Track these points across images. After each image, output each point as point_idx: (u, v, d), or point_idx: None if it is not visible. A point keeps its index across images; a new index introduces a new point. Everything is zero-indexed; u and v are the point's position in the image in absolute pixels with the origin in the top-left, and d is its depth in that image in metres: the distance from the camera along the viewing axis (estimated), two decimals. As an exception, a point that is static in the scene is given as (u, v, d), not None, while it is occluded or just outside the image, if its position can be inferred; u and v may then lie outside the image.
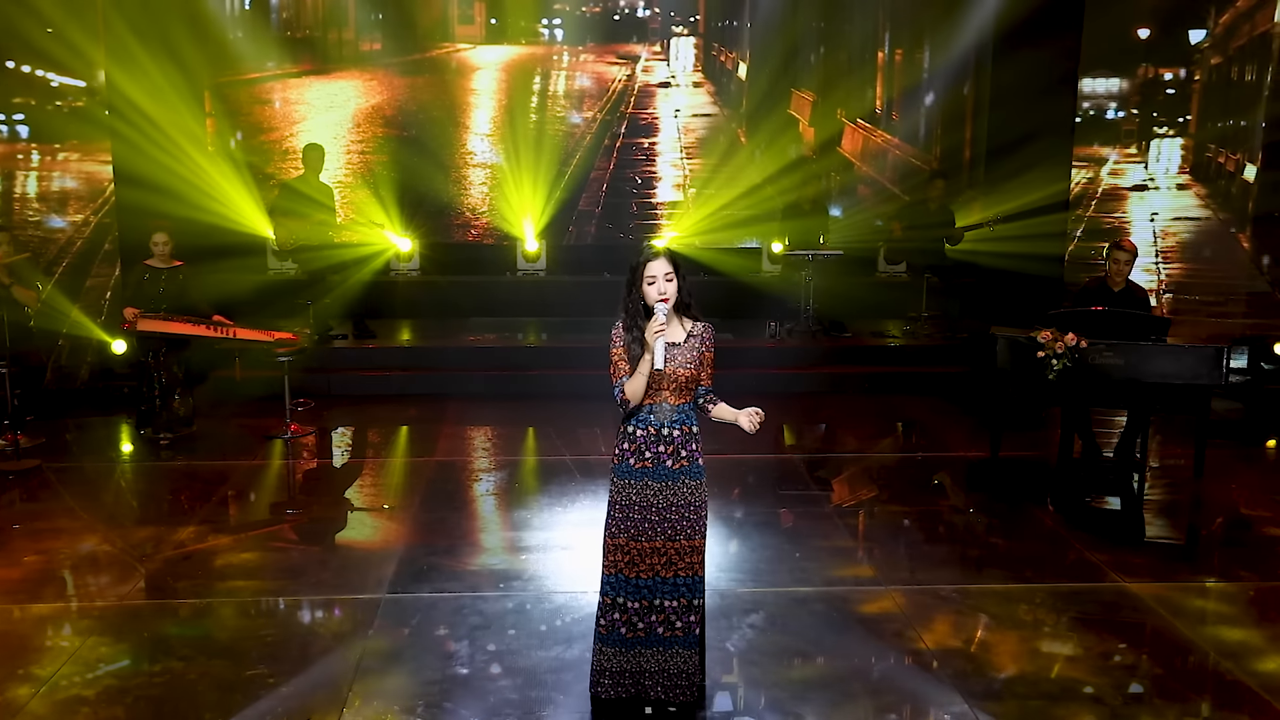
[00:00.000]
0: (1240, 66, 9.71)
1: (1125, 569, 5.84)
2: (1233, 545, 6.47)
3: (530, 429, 8.72)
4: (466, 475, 7.58)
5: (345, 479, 7.70)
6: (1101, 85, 9.82)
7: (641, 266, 4.25)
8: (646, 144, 12.55)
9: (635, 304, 4.29)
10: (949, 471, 7.68)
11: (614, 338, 4.33)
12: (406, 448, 8.36)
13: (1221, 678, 4.76)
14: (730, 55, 12.51)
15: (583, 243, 12.40)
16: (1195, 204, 9.86)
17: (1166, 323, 7.26)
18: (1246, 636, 5.14)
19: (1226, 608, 5.48)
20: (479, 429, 8.73)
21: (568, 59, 12.48)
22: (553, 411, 8.98)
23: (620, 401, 4.27)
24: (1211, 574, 5.91)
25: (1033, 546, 6.28)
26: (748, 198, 12.03)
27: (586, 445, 8.22)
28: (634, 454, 4.31)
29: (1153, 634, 5.18)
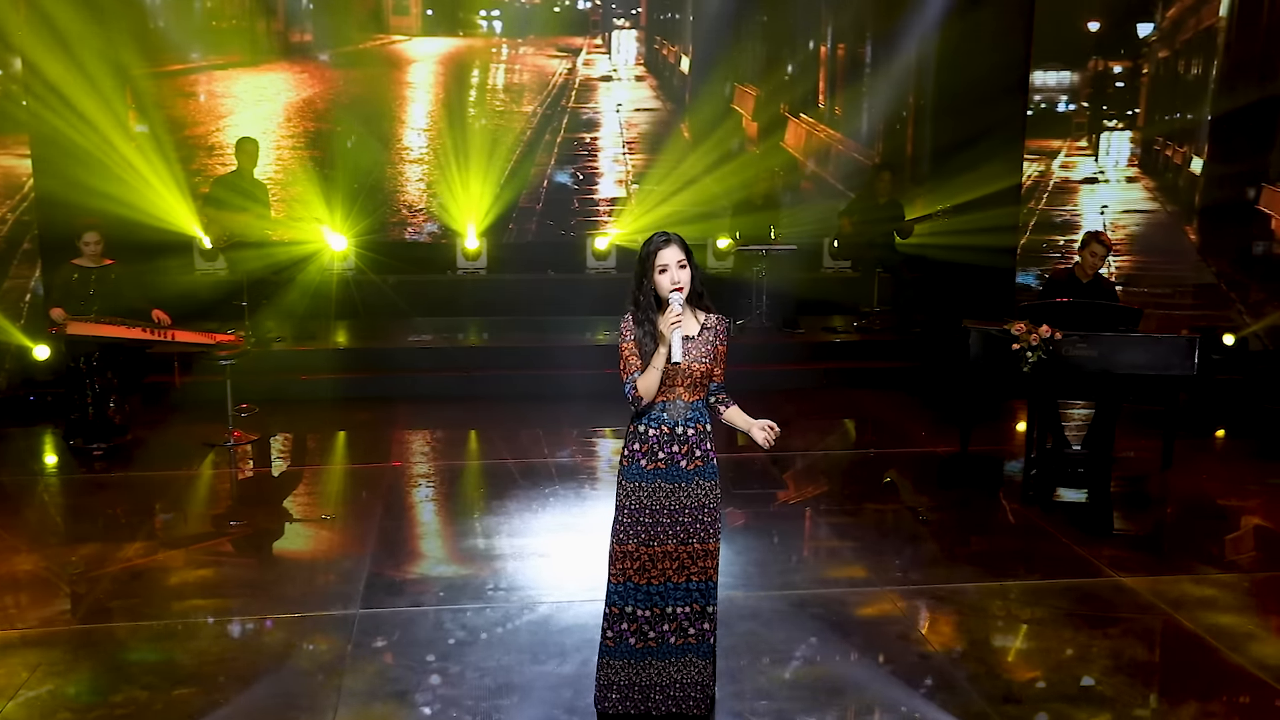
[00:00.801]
0: (1187, 60, 9.81)
1: (1118, 563, 5.77)
2: (1217, 535, 6.45)
3: (482, 432, 8.41)
4: (425, 481, 7.25)
5: (297, 488, 7.31)
6: (1053, 78, 9.84)
7: (652, 255, 3.99)
8: (588, 139, 12.28)
9: (646, 295, 4.03)
10: (921, 468, 7.57)
11: (623, 331, 4.07)
12: (358, 454, 7.99)
13: (1237, 674, 4.67)
14: (673, 49, 12.31)
15: (524, 240, 12.09)
16: (1144, 197, 9.94)
17: (1138, 314, 7.24)
18: (1254, 630, 5.07)
19: (1227, 600, 5.42)
20: (431, 432, 8.41)
21: (507, 52, 12.15)
22: (505, 413, 8.68)
23: (632, 399, 4.01)
24: (1204, 565, 5.85)
25: (1020, 542, 6.19)
26: (692, 193, 11.85)
27: (539, 448, 7.93)
28: (645, 455, 4.06)
29: (1158, 629, 5.09)
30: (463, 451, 8.07)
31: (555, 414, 8.61)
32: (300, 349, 9.66)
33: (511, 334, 10.44)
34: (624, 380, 4.03)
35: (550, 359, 9.73)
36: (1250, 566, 5.85)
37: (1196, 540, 6.32)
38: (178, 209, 10.51)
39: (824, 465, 7.68)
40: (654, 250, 4.00)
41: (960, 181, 9.88)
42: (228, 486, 7.27)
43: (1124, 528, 6.46)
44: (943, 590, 5.44)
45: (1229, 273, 9.82)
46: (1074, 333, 6.92)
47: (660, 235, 4.05)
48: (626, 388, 4.01)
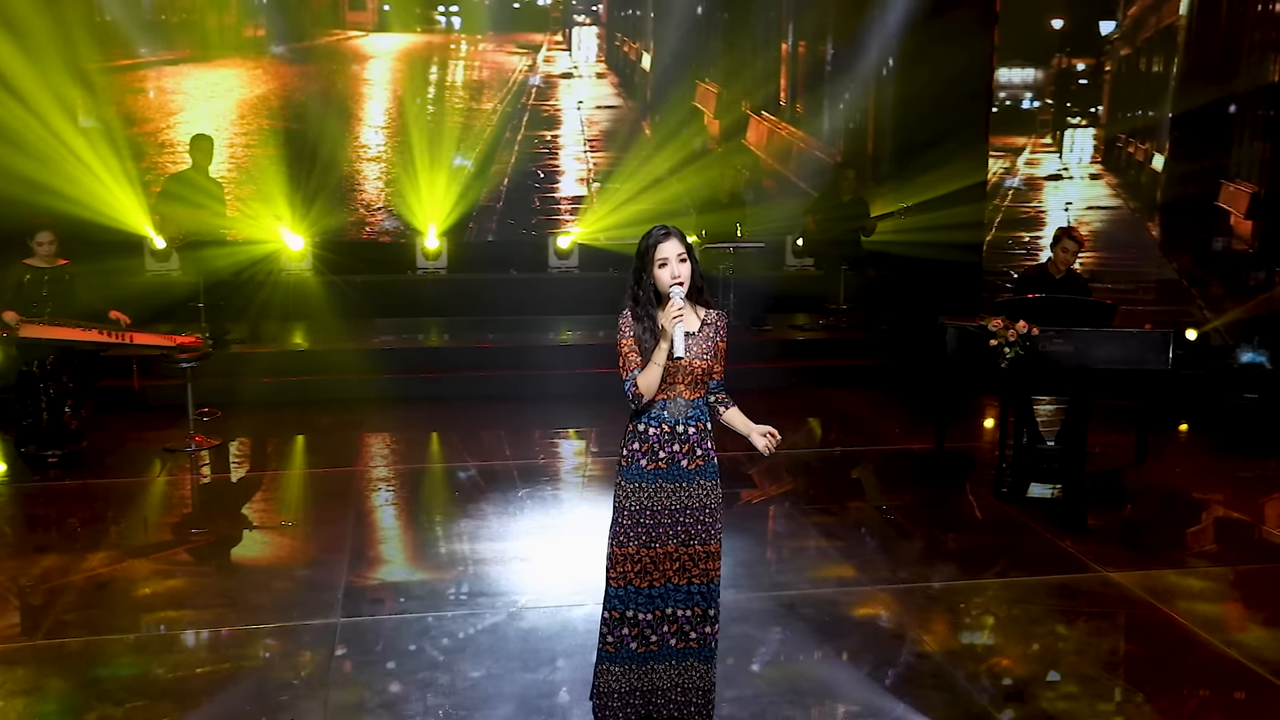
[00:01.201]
0: (1148, 58, 9.90)
1: (1103, 558, 5.76)
2: (1196, 529, 6.49)
3: (449, 435, 8.25)
4: (394, 485, 7.08)
5: (263, 494, 7.08)
6: (1017, 75, 9.88)
7: (651, 248, 3.88)
8: (549, 136, 12.15)
9: (646, 290, 3.92)
10: (897, 465, 7.54)
11: (622, 327, 3.95)
12: (324, 458, 7.79)
13: (1233, 667, 4.66)
14: (633, 45, 12.21)
15: (484, 239, 11.93)
16: (1107, 193, 10.01)
17: (1113, 309, 7.25)
18: (1244, 622, 5.08)
19: (1214, 592, 5.44)
20: (396, 435, 8.22)
21: (466, 48, 11.97)
22: (471, 415, 8.54)
23: (632, 397, 3.89)
24: (1188, 559, 5.87)
25: (1004, 539, 6.16)
26: (655, 191, 11.77)
27: (504, 450, 7.79)
28: (645, 454, 3.94)
29: (1150, 623, 5.07)
30: (430, 455, 7.90)
31: (523, 415, 8.49)
32: (260, 351, 9.43)
33: (473, 334, 10.28)
34: (623, 377, 3.91)
35: (514, 359, 9.59)
36: (1232, 559, 5.86)
37: (1176, 534, 6.34)
38: (128, 207, 10.22)
39: (801, 464, 7.61)
40: (653, 244, 3.90)
41: (925, 179, 9.89)
42: (191, 493, 7.05)
43: (1104, 522, 6.45)
44: (933, 589, 5.40)
45: (1190, 269, 9.93)
46: (1050, 328, 6.91)
47: (659, 228, 3.95)
48: (626, 385, 3.89)
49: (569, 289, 11.49)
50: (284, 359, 9.35)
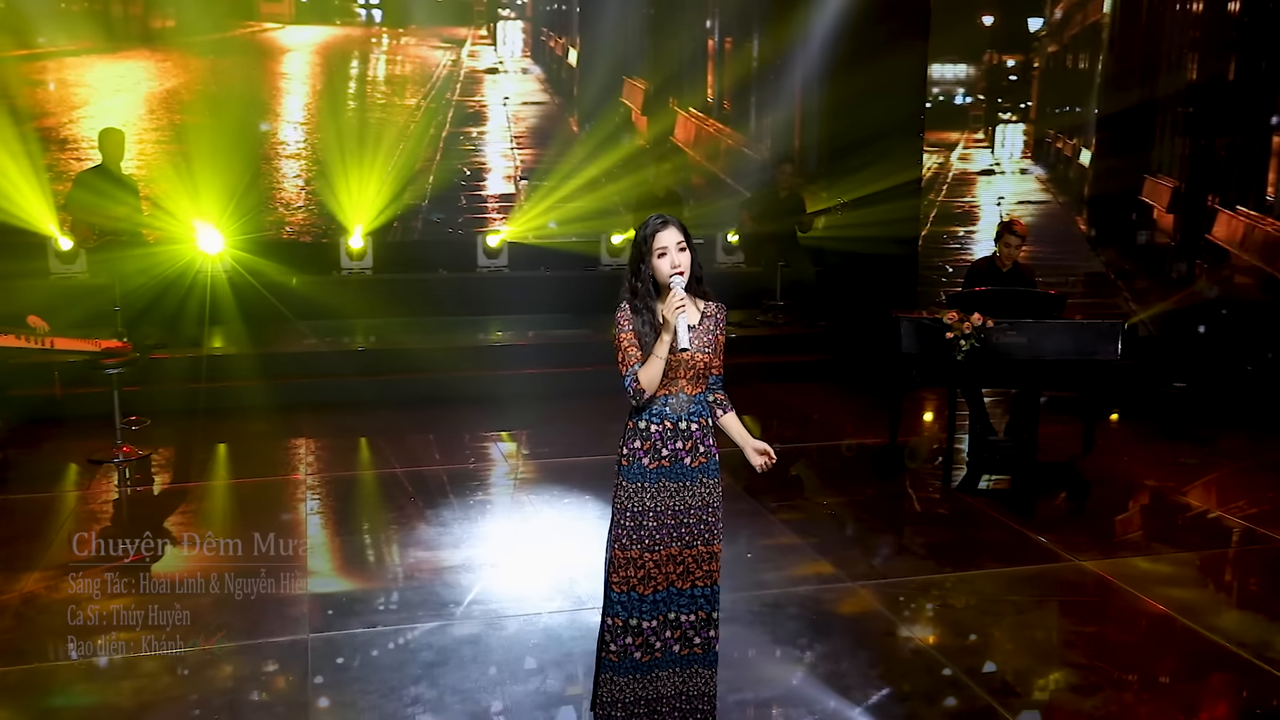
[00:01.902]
0: (1075, 55, 10.08)
1: (1073, 548, 5.79)
2: (1154, 516, 6.58)
3: (391, 440, 7.92)
4: (346, 492, 6.79)
5: (201, 505, 6.71)
6: (950, 71, 9.97)
7: (650, 238, 3.73)
8: (475, 133, 11.88)
9: (645, 281, 3.76)
10: (853, 460, 7.51)
11: (620, 321, 3.79)
12: (263, 466, 7.42)
13: (1217, 652, 4.70)
14: (560, 41, 12.02)
15: (410, 238, 11.60)
16: (1037, 188, 10.17)
17: (1062, 300, 7.33)
18: (1220, 606, 5.14)
19: (1185, 578, 5.50)
20: (334, 441, 7.90)
21: (387, 42, 11.64)
22: (401, 419, 8.23)
23: (633, 393, 3.73)
24: (1153, 546, 5.93)
25: (973, 531, 6.16)
26: (585, 188, 11.61)
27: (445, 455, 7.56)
28: (648, 453, 3.79)
29: (1132, 611, 5.09)
30: (363, 461, 7.58)
31: (455, 418, 8.28)
32: (181, 356, 8.97)
33: (401, 336, 9.94)
34: (623, 373, 3.74)
35: (444, 361, 9.33)
36: (1195, 544, 5.94)
37: (1137, 521, 6.43)
38: (31, 206, 9.66)
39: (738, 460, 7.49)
40: (651, 233, 3.75)
41: (862, 175, 9.92)
42: (123, 506, 6.65)
43: (1067, 513, 6.51)
44: (914, 583, 5.35)
45: (1116, 261, 10.15)
46: (1004, 320, 6.95)
47: (656, 217, 3.80)
48: (627, 381, 3.73)
49: (499, 289, 11.25)
50: (211, 364, 8.93)
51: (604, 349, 9.52)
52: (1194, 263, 10.07)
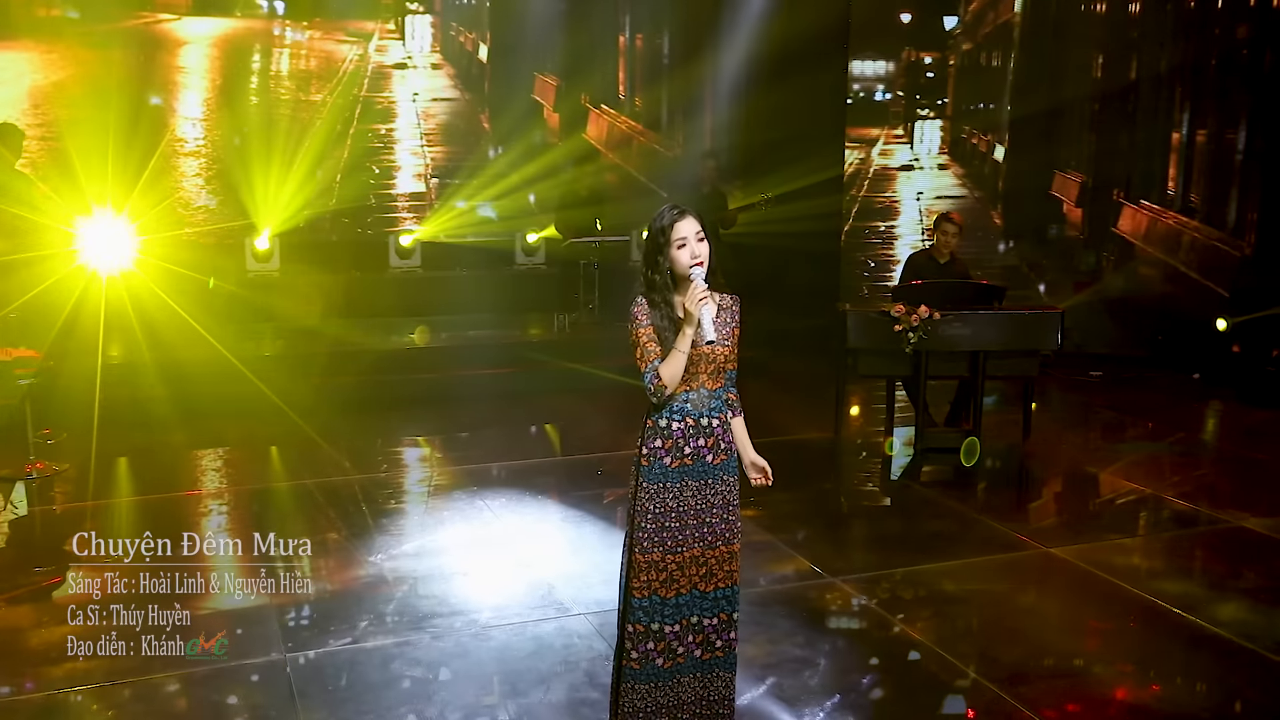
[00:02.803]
0: (988, 53, 10.31)
1: (1038, 535, 5.89)
2: (1110, 501, 6.71)
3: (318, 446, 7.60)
4: (289, 502, 6.45)
5: (134, 520, 6.29)
6: (870, 68, 10.09)
7: (668, 228, 3.61)
8: (384, 130, 11.53)
9: (663, 274, 3.64)
10: (800, 454, 7.51)
11: (636, 316, 3.65)
12: (196, 478, 7.04)
13: (1202, 636, 4.81)
14: (470, 36, 11.76)
15: (318, 238, 11.19)
16: (954, 183, 10.37)
17: (1003, 290, 7.47)
18: (1187, 588, 5.27)
19: (1153, 564, 5.64)
20: (269, 448, 7.54)
21: (291, 35, 11.20)
22: (324, 425, 7.86)
23: (654, 390, 3.60)
24: (1112, 531, 6.05)
25: (935, 522, 6.20)
26: (498, 187, 11.41)
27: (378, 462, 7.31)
28: (670, 451, 3.67)
29: (1111, 597, 5.17)
30: (310, 468, 7.23)
31: (381, 423, 8.09)
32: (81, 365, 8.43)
33: (311, 340, 9.56)
34: (643, 370, 3.61)
35: (355, 364, 9.02)
36: (1154, 528, 6.11)
37: (1095, 507, 6.58)
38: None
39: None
40: (669, 224, 3.63)
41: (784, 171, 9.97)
42: (46, 525, 6.20)
43: (1025, 501, 6.63)
44: (894, 576, 5.35)
45: (1029, 255, 10.42)
46: (950, 312, 7.05)
47: (672, 207, 3.69)
48: (647, 378, 3.60)
49: (413, 289, 10.97)
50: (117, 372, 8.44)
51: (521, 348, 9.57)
52: (1101, 255, 10.41)
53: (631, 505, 3.73)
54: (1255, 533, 5.95)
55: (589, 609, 4.91)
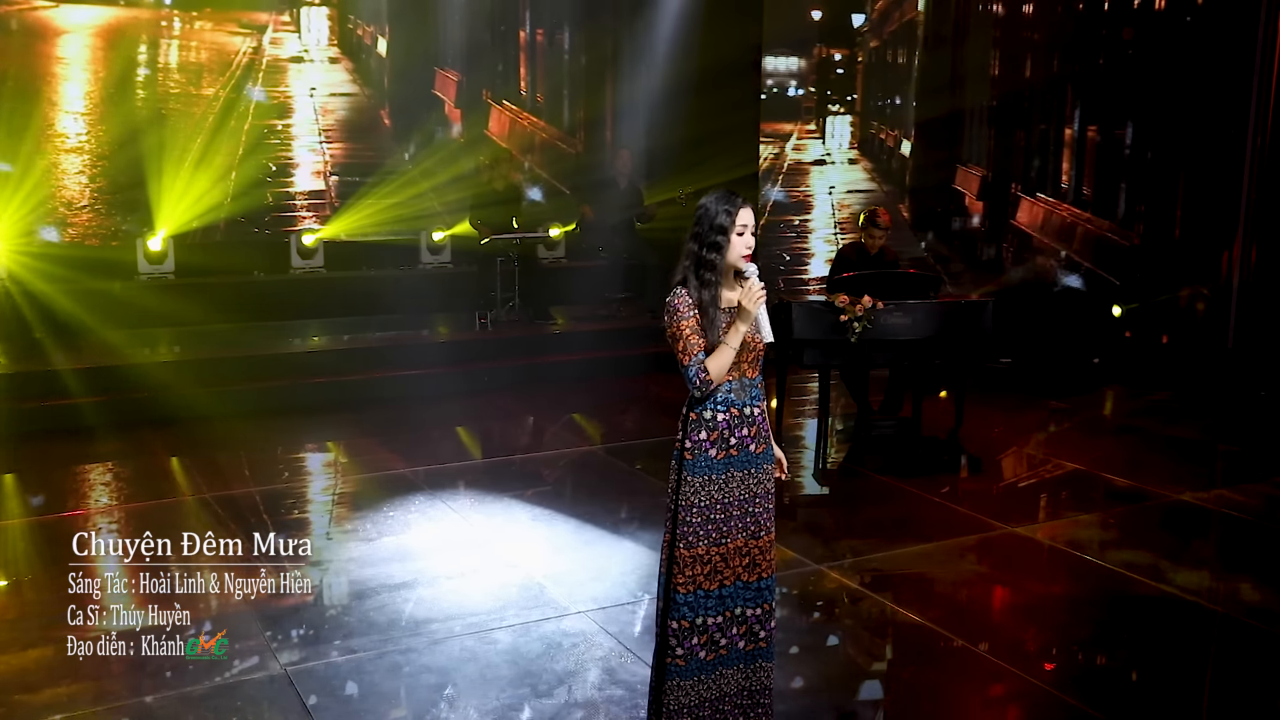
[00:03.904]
0: (894, 50, 10.58)
1: (999, 516, 6.05)
2: (1054, 480, 6.93)
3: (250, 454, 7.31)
4: (245, 509, 6.14)
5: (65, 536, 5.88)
6: (783, 64, 10.22)
7: (734, 213, 3.56)
8: (280, 126, 11.11)
9: (716, 263, 3.57)
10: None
11: (678, 308, 3.57)
12: (134, 489, 6.63)
13: (1175, 603, 5.03)
14: (368, 29, 11.43)
15: (213, 239, 10.70)
16: (864, 177, 10.60)
17: (939, 280, 7.66)
18: (1148, 559, 5.50)
19: (1110, 538, 5.85)
20: (209, 456, 7.16)
21: (180, 26, 10.68)
22: (239, 433, 7.60)
23: (700, 384, 3.54)
24: (1067, 510, 6.27)
25: (898, 508, 6.29)
26: (399, 183, 11.16)
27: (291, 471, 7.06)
28: (715, 443, 3.62)
29: (1086, 572, 5.36)
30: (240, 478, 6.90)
31: (284, 431, 7.74)
32: None
33: (210, 345, 9.15)
34: (686, 363, 3.54)
35: (256, 369, 8.68)
36: (1103, 505, 6.35)
37: (1042, 487, 6.80)
38: None
39: (657, 452, 7.39)
40: (736, 209, 3.57)
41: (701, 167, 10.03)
42: None
43: (975, 485, 6.81)
44: (874, 561, 5.42)
45: (935, 246, 10.75)
46: (891, 302, 7.20)
47: (728, 193, 3.63)
48: (692, 371, 3.53)
49: (316, 290, 10.60)
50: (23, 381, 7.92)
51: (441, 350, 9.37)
52: (1001, 246, 10.82)
53: (674, 500, 3.66)
54: (1196, 505, 6.27)
55: (587, 607, 4.83)
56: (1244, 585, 5.27)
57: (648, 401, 8.71)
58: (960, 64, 10.55)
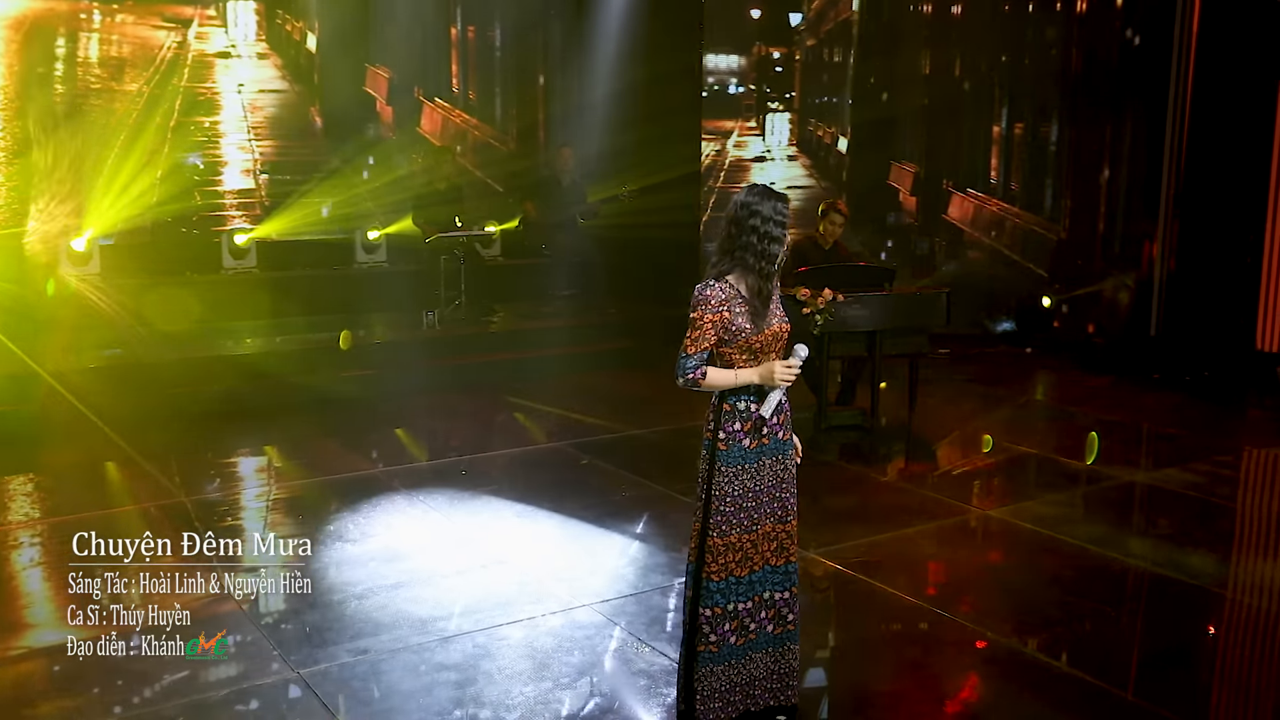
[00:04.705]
0: (830, 49, 10.76)
1: (965, 498, 6.24)
2: (1011, 463, 7.14)
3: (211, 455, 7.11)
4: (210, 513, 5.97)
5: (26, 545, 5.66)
6: (723, 61, 10.32)
7: (787, 213, 3.65)
8: (207, 123, 10.81)
9: (777, 254, 3.63)
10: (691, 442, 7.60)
11: (710, 299, 3.59)
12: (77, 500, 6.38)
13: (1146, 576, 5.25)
14: (297, 24, 11.19)
15: (140, 240, 10.36)
16: (803, 174, 10.76)
17: (893, 272, 7.83)
18: (1106, 531, 5.71)
19: (1074, 515, 6.08)
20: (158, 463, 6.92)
21: (100, 19, 10.31)
22: (175, 441, 7.30)
23: (689, 381, 3.58)
24: (1033, 490, 6.48)
25: (867, 494, 6.42)
26: (331, 181, 10.98)
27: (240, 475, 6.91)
28: (749, 433, 3.67)
29: (1060, 550, 5.54)
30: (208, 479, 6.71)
31: (214, 436, 7.48)
32: None
33: (140, 349, 8.87)
34: (691, 353, 3.57)
35: (188, 372, 8.45)
36: (1063, 485, 6.58)
37: (1002, 471, 7.00)
38: None
39: (634, 446, 7.40)
40: (787, 206, 3.67)
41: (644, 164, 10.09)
42: None
43: (939, 470, 6.98)
44: (858, 547, 5.51)
45: (870, 241, 10.98)
46: (851, 294, 7.34)
47: (774, 189, 3.71)
48: (692, 364, 3.57)
49: (249, 291, 10.34)
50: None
51: (390, 350, 9.23)
52: (933, 240, 11.10)
53: (706, 490, 3.69)
54: (1149, 485, 6.54)
55: (590, 600, 4.83)
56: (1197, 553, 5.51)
57: (600, 397, 8.71)
58: (893, 63, 10.79)
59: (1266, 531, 6.20)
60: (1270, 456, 7.50)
